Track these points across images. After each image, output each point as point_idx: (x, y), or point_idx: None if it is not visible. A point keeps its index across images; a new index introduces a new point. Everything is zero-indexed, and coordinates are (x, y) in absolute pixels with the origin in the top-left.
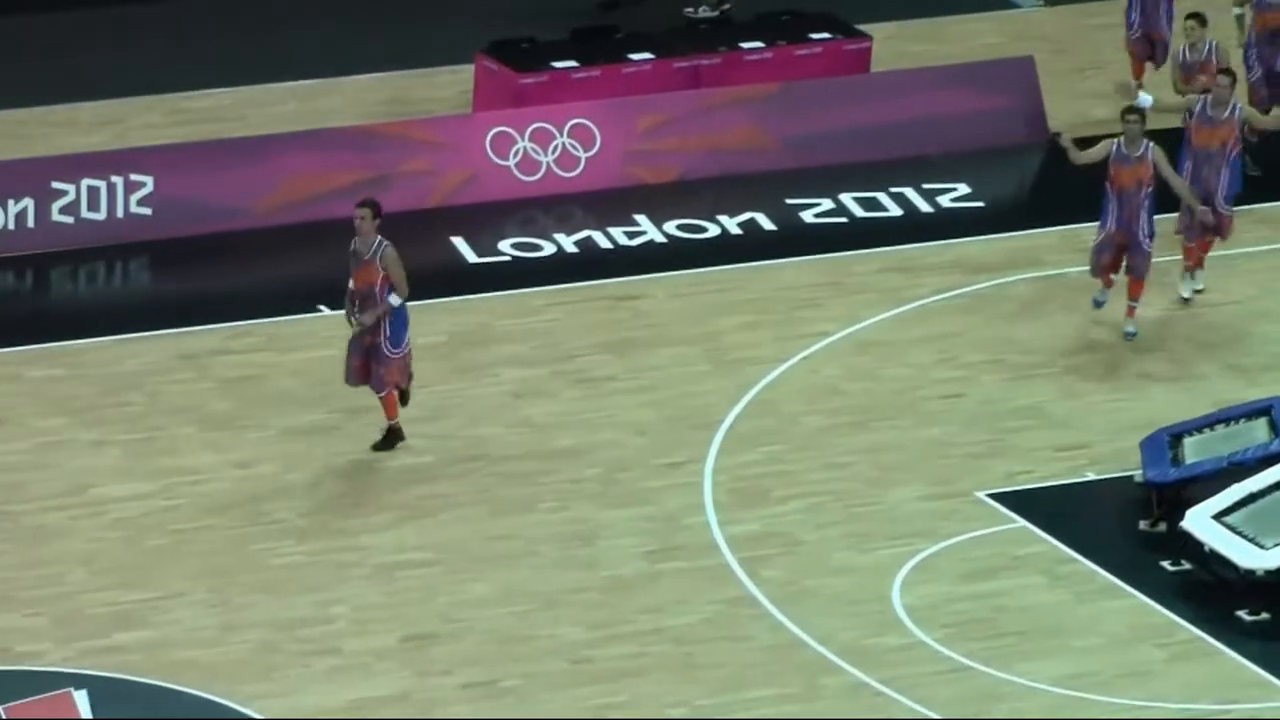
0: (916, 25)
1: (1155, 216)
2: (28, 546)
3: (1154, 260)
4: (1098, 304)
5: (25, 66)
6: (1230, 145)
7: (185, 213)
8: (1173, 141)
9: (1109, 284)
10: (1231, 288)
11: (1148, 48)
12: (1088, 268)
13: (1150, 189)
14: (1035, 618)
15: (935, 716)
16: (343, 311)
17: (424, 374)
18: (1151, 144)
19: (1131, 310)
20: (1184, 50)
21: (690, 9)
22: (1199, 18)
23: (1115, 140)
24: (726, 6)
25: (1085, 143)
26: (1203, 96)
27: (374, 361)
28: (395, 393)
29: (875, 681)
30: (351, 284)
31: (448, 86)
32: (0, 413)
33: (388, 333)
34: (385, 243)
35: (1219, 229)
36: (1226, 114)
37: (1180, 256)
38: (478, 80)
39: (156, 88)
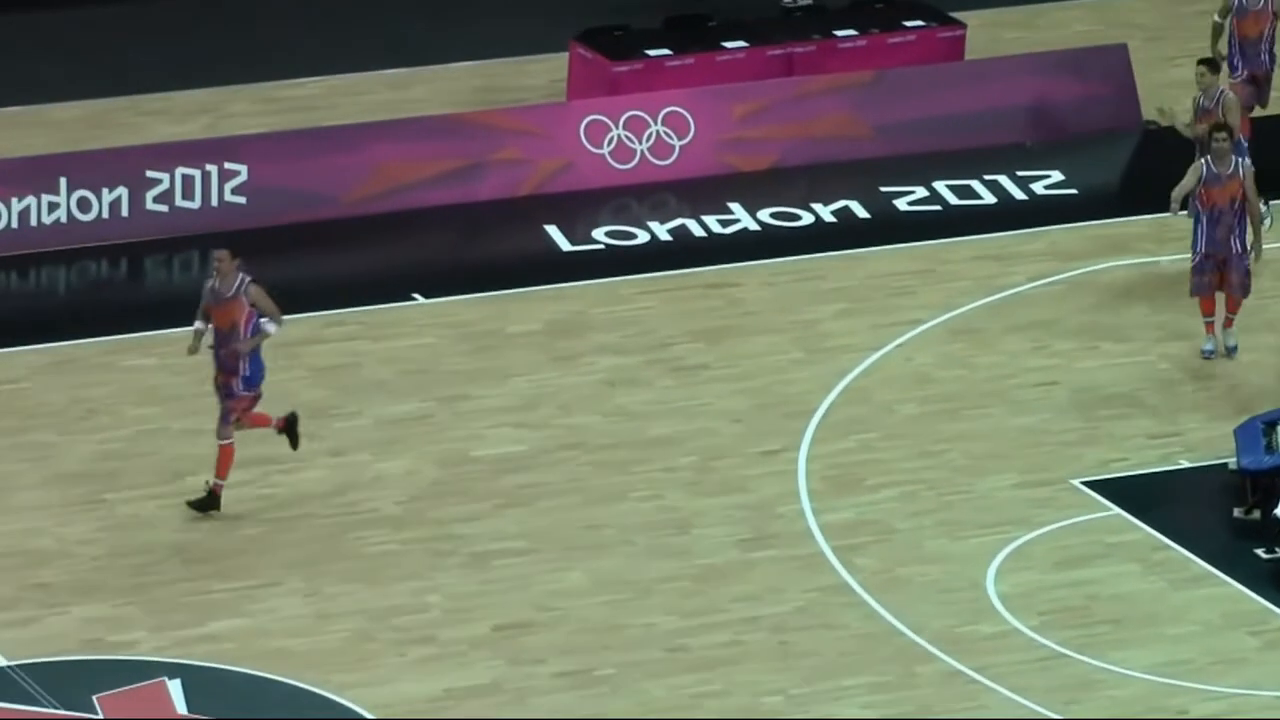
0: (1011, 12)
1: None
2: (121, 535)
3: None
4: (1207, 354)
5: (116, 56)
6: (1239, 200)
7: (279, 201)
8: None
9: (1210, 311)
10: None
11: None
12: (1187, 287)
13: (1241, 204)
14: (1129, 605)
15: (1030, 705)
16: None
17: (519, 363)
18: (1242, 159)
19: (1230, 322)
20: (1199, 97)
21: None
22: (1211, 64)
23: (1203, 161)
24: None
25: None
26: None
27: (223, 398)
28: (230, 448)
29: (969, 669)
30: (199, 323)
31: (541, 75)
32: (94, 402)
33: (245, 372)
34: (248, 278)
35: (1244, 287)
36: (1230, 170)
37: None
38: (571, 68)
39: (249, 77)
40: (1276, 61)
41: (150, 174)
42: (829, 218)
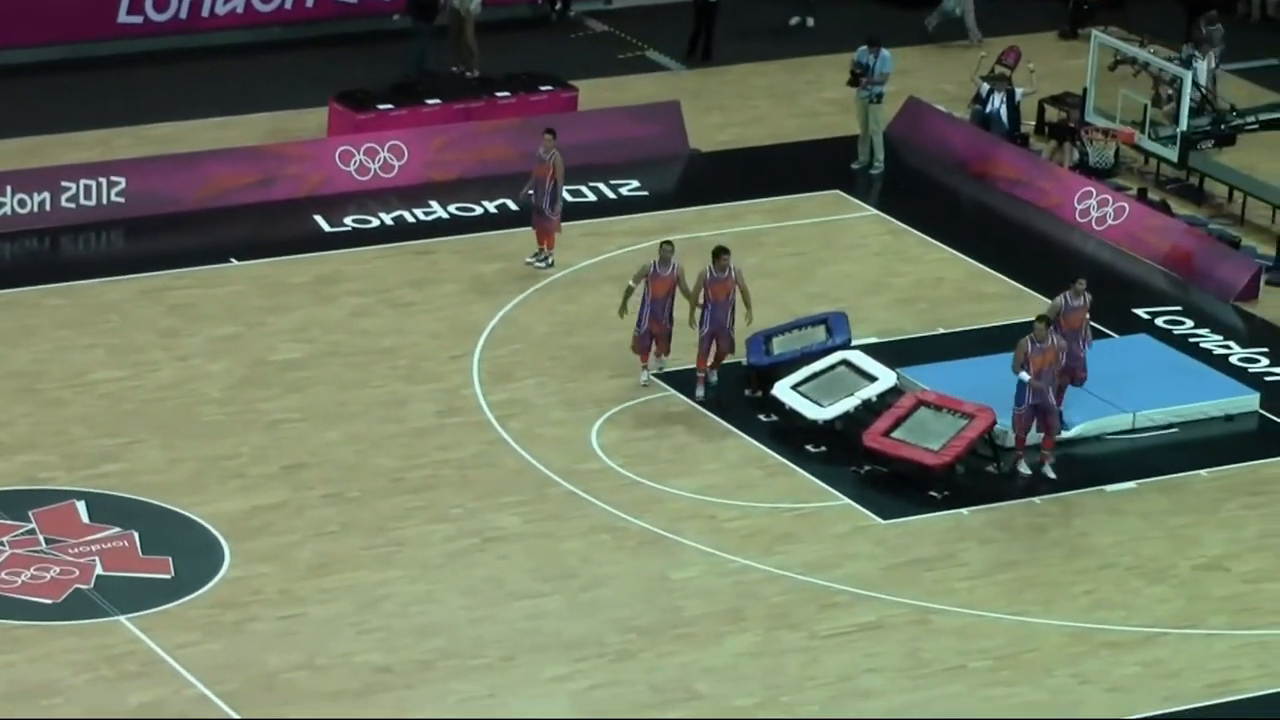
0: (607, 81)
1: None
2: (46, 411)
3: None
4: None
5: (42, 108)
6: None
7: (147, 201)
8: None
9: (646, 357)
10: (807, 247)
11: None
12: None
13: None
14: (681, 453)
15: (617, 512)
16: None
17: (297, 301)
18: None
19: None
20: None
21: (456, 69)
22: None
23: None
24: (476, 73)
25: None
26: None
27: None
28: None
29: (581, 491)
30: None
31: (312, 120)
32: (30, 328)
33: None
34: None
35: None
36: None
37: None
38: (331, 117)
39: (127, 122)
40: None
41: (64, 183)
42: (493, 210)
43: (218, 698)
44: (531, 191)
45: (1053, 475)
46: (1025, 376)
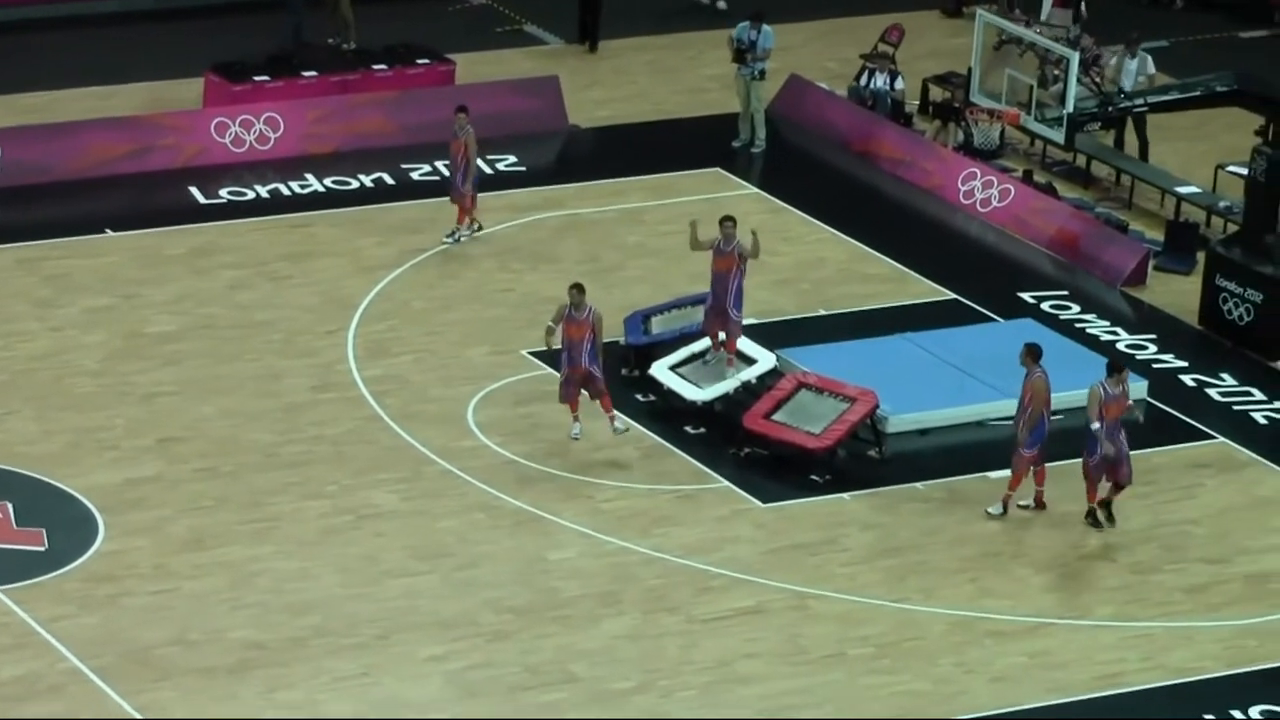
0: (485, 55)
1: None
2: None
3: None
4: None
5: None
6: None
7: (24, 170)
8: None
9: (574, 406)
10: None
11: None
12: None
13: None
14: (558, 431)
15: (493, 491)
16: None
17: (172, 274)
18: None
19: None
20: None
21: (333, 40)
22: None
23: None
24: (352, 45)
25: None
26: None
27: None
28: None
29: (457, 469)
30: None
31: (188, 91)
32: None
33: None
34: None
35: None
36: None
37: None
38: (206, 88)
39: (2, 90)
40: None
41: None
42: (370, 184)
43: (92, 672)
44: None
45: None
46: (1095, 426)
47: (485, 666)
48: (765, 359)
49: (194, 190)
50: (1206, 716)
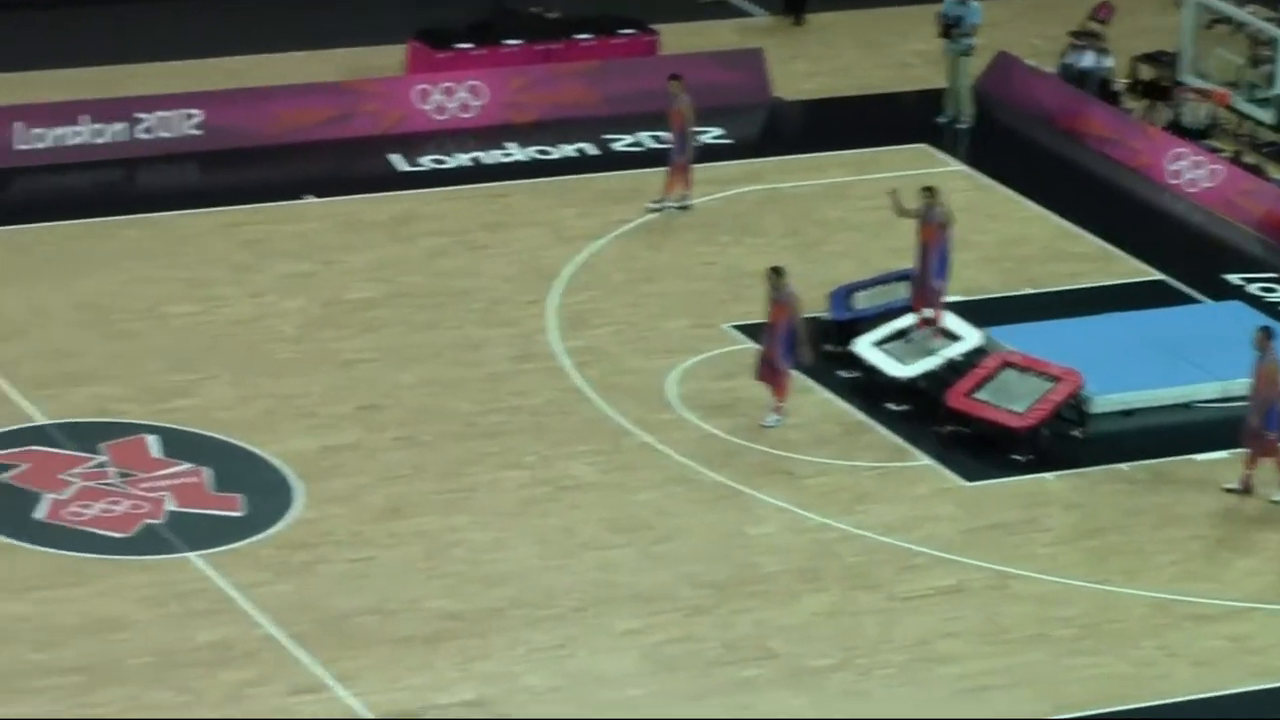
0: (690, 26)
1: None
2: (118, 343)
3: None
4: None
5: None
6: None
7: (226, 134)
8: None
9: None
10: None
11: None
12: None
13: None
14: (759, 406)
15: (694, 465)
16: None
17: (372, 240)
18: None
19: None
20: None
21: (536, 9)
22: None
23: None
24: (556, 14)
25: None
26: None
27: None
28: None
29: (655, 441)
30: None
31: (390, 57)
32: (104, 258)
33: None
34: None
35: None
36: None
37: None
38: (410, 54)
39: (208, 53)
40: None
41: (140, 114)
42: (571, 153)
43: (287, 639)
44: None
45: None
46: None
47: (682, 641)
48: (971, 336)
49: (395, 158)
50: None
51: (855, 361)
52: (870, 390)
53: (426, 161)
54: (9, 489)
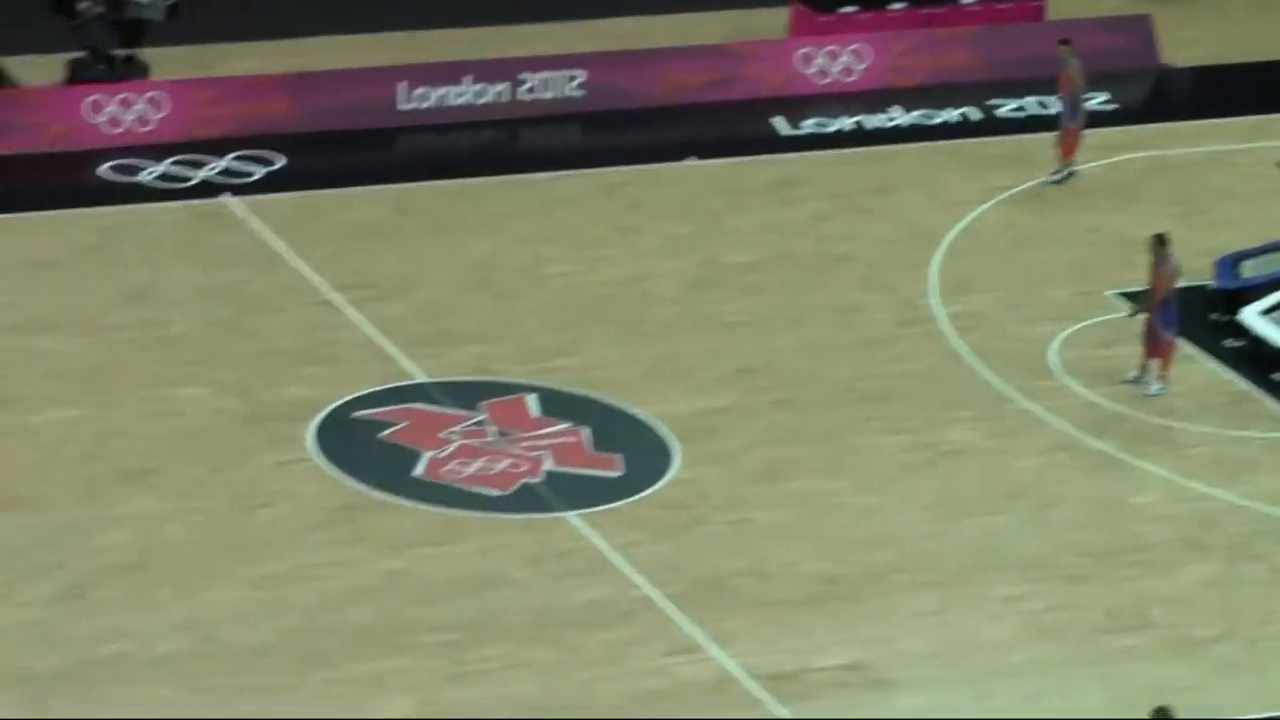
0: None
1: None
2: (499, 303)
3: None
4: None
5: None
6: None
7: (608, 95)
8: None
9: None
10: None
11: None
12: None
13: None
14: (1141, 375)
15: (1073, 432)
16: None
17: (754, 204)
18: None
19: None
20: None
21: None
22: None
23: None
24: None
25: None
26: None
27: None
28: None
29: (1038, 408)
30: None
31: (772, 20)
32: (487, 219)
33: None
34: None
35: None
36: None
37: None
38: (793, 17)
39: (588, 15)
40: None
41: (523, 74)
42: (955, 118)
43: (663, 599)
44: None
45: None
46: None
47: (1063, 608)
48: None
49: (777, 121)
50: None
51: (1241, 330)
52: (1257, 359)
53: (809, 125)
54: (389, 446)
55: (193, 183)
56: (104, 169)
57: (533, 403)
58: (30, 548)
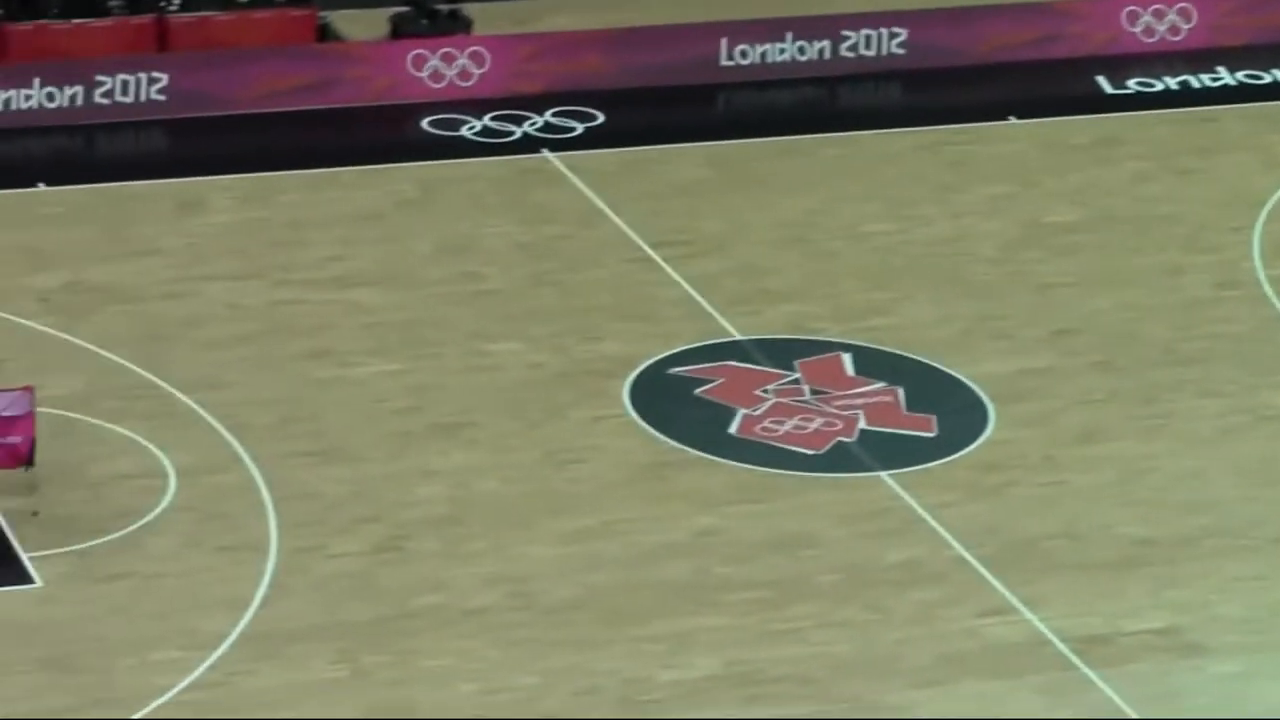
0: None
1: None
2: (816, 262)
3: None
4: None
5: None
6: None
7: (931, 53)
8: None
9: None
10: None
11: None
12: None
13: None
14: None
15: None
16: None
17: (1077, 162)
18: None
19: None
20: None
21: None
22: None
23: None
24: None
25: None
26: None
27: None
28: None
29: None
30: None
31: None
32: (806, 178)
33: None
34: None
35: None
36: None
37: None
38: None
39: None
40: None
41: (844, 32)
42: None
43: (975, 560)
44: None
45: None
46: None
47: None
48: None
49: (1101, 79)
50: None
51: None
52: None
53: (1133, 84)
54: (705, 403)
55: (513, 138)
56: (425, 123)
57: (848, 361)
58: (347, 499)
